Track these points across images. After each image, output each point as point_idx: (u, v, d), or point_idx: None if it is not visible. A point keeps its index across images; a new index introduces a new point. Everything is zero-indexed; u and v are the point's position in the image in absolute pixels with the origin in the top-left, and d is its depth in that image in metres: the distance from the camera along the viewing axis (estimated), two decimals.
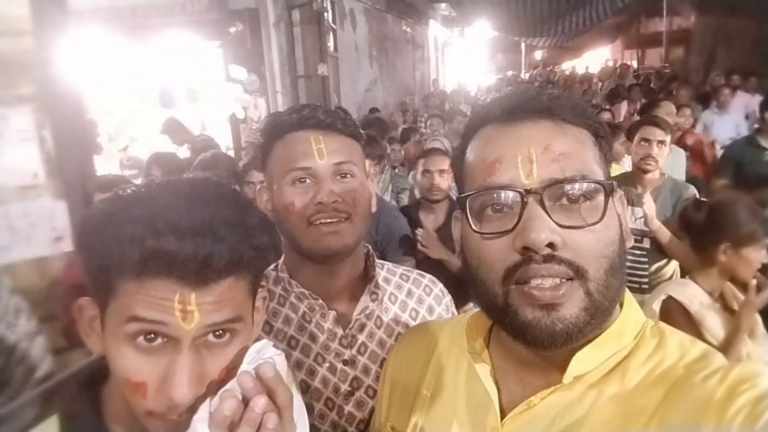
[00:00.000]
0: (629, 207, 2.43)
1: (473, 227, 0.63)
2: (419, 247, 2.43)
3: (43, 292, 1.98)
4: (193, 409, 0.60)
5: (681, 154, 3.67)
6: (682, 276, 2.25)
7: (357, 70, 7.98)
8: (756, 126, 3.93)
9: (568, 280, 0.58)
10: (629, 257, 2.59)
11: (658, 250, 2.49)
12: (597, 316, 0.60)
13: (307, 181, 0.99)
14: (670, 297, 1.80)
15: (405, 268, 1.21)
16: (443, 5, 12.81)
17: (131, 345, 0.60)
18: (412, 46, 12.05)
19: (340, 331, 1.04)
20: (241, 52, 5.73)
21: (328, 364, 1.03)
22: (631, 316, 0.66)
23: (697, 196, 2.58)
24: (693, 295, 1.78)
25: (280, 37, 5.68)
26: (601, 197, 0.61)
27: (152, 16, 5.43)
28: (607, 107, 6.12)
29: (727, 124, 5.58)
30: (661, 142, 2.59)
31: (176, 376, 0.59)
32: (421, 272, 1.22)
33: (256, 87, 5.67)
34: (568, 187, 0.60)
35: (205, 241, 0.58)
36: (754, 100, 6.58)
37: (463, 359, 0.74)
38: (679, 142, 4.12)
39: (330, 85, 6.04)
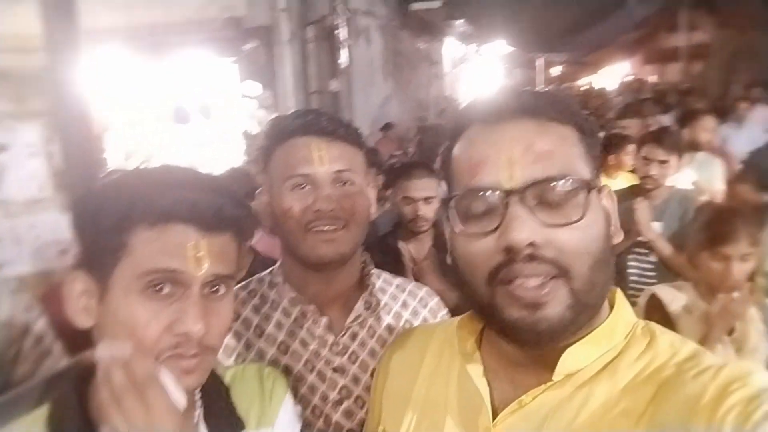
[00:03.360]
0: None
1: (459, 228, 0.64)
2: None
3: None
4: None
5: (717, 164, 3.60)
6: None
7: (370, 86, 8.03)
8: None
9: (552, 278, 0.59)
10: (635, 270, 2.55)
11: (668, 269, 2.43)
12: (582, 313, 0.61)
13: (307, 187, 0.99)
14: (653, 294, 1.81)
15: (402, 279, 1.20)
16: (459, 22, 12.87)
17: (142, 296, 0.66)
18: (428, 62, 12.10)
19: (331, 338, 1.04)
20: (255, 68, 5.81)
21: (317, 371, 1.02)
22: (622, 315, 0.67)
23: None
24: (676, 296, 1.78)
25: (293, 54, 5.75)
26: (582, 195, 0.61)
27: (169, 34, 5.54)
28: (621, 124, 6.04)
29: (743, 137, 5.48)
30: (663, 162, 2.53)
31: (189, 312, 0.66)
32: (419, 284, 1.22)
33: (269, 103, 5.74)
34: (548, 186, 0.60)
35: (216, 195, 0.70)
36: None
37: (455, 360, 0.74)
38: None
39: (342, 100, 6.09)
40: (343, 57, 6.39)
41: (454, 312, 2.16)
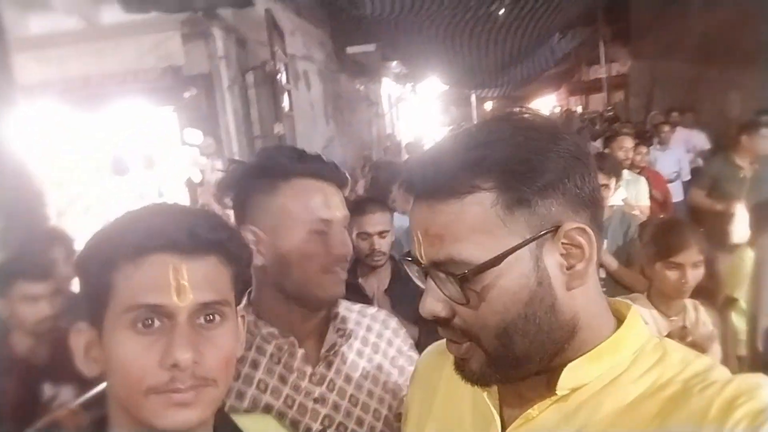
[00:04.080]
0: None
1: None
2: None
3: None
4: (197, 400, 0.66)
5: (643, 182, 3.86)
6: None
7: (313, 129, 8.10)
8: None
9: (467, 341, 0.64)
10: None
11: (617, 282, 2.55)
12: (506, 366, 0.63)
13: (326, 232, 1.02)
14: None
15: (361, 305, 1.23)
16: (394, 63, 13.26)
17: (130, 331, 0.66)
18: (367, 103, 12.36)
19: (309, 369, 1.04)
20: (196, 115, 5.76)
21: (298, 404, 1.02)
22: (631, 331, 0.66)
23: None
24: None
25: (234, 100, 5.75)
26: (480, 273, 0.60)
27: (105, 85, 5.44)
28: None
29: (669, 158, 5.85)
30: (604, 185, 2.67)
31: (175, 342, 0.65)
32: (377, 308, 1.26)
33: (212, 150, 5.68)
34: (442, 269, 0.62)
35: (188, 218, 0.70)
36: (693, 134, 6.97)
37: None
38: None
39: (287, 143, 6.11)
40: (285, 101, 6.44)
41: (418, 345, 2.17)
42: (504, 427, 0.68)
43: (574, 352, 0.64)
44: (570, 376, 0.63)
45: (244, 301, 1.10)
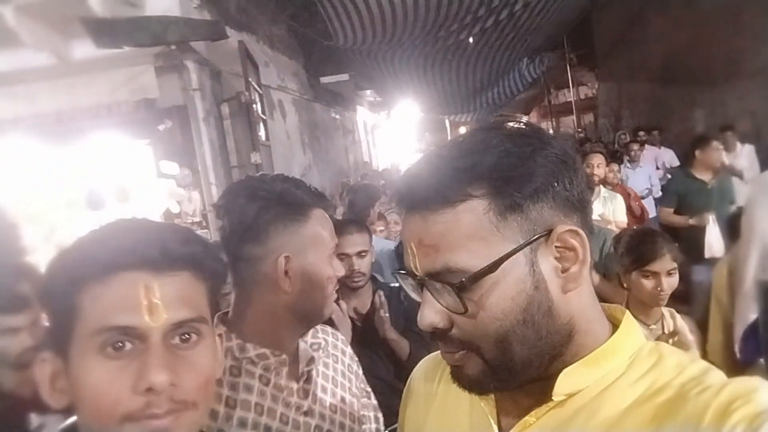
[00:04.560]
0: None
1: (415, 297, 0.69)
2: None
3: None
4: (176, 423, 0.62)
5: (619, 198, 3.95)
6: None
7: (291, 157, 8.12)
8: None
9: (463, 351, 0.64)
10: None
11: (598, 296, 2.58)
12: (503, 373, 0.63)
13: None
14: None
15: None
16: (368, 92, 13.43)
17: (99, 356, 0.62)
18: (343, 131, 12.44)
19: (294, 385, 1.08)
20: (171, 147, 5.73)
21: (292, 421, 1.06)
22: (627, 336, 0.67)
23: None
24: None
25: (210, 131, 5.74)
26: (476, 281, 0.60)
27: (78, 119, 5.39)
28: None
29: (640, 176, 6.01)
30: None
31: (149, 364, 0.62)
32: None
33: (189, 181, 5.64)
34: (438, 279, 0.63)
35: (158, 233, 0.67)
36: (661, 152, 7.17)
37: None
38: None
39: (264, 172, 6.10)
40: (261, 131, 6.46)
41: (408, 359, 2.15)
42: None
43: (570, 357, 0.64)
44: (566, 382, 0.63)
45: (219, 326, 1.09)
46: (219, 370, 0.74)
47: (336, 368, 1.21)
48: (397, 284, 2.29)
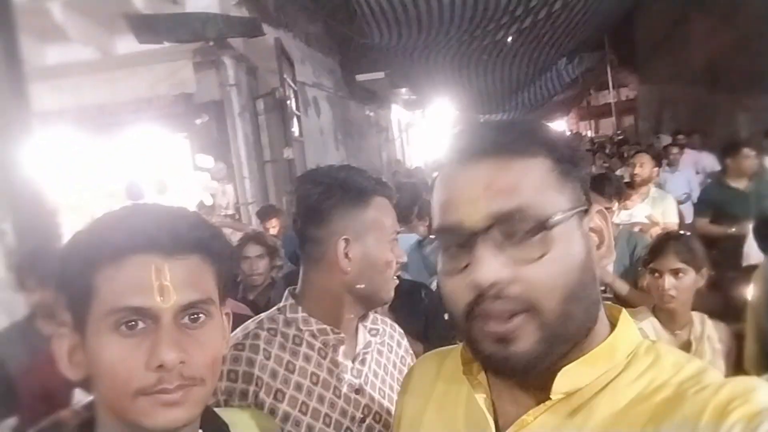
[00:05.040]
0: None
1: (440, 266, 0.67)
2: None
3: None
4: (186, 397, 0.66)
5: (670, 199, 3.79)
6: None
7: (324, 154, 8.20)
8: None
9: (520, 314, 0.60)
10: None
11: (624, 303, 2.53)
12: (558, 344, 0.61)
13: (396, 242, 1.20)
14: None
15: None
16: (403, 90, 13.42)
17: (114, 334, 0.66)
18: (377, 128, 12.48)
19: (350, 364, 1.15)
20: (207, 141, 5.86)
21: (344, 395, 1.13)
22: (625, 335, 0.66)
23: None
24: (634, 318, 1.88)
25: (245, 126, 5.85)
26: (548, 228, 0.61)
27: (119, 113, 5.57)
28: None
29: (679, 180, 5.84)
30: (607, 209, 2.66)
31: (160, 343, 0.65)
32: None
33: (223, 174, 5.77)
34: (510, 222, 0.61)
35: (169, 218, 0.70)
36: (702, 156, 6.96)
37: (464, 383, 0.75)
38: None
39: (296, 168, 6.18)
40: (295, 127, 6.54)
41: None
42: None
43: (575, 354, 0.63)
44: (565, 381, 0.63)
45: (289, 299, 1.17)
46: (225, 348, 0.77)
47: (389, 357, 1.25)
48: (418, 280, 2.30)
